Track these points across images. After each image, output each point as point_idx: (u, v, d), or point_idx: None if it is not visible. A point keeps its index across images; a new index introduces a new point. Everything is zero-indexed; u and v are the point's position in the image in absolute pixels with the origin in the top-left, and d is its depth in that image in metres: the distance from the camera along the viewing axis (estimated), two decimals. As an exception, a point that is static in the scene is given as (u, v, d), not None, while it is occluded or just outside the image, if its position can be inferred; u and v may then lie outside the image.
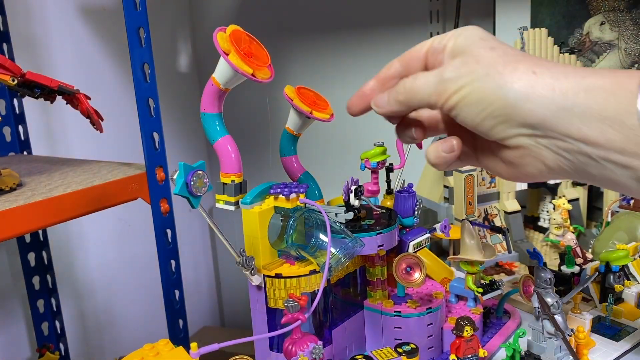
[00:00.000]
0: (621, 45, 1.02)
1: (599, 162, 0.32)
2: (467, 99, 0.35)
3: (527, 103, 0.33)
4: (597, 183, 0.35)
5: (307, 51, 1.50)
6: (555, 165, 0.34)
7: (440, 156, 0.39)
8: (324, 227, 0.49)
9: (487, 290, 0.67)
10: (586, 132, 0.32)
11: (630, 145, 0.30)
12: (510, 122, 0.34)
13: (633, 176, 0.31)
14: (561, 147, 0.33)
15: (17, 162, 1.00)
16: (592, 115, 0.31)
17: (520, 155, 0.36)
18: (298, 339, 0.49)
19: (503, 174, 0.39)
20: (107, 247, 1.43)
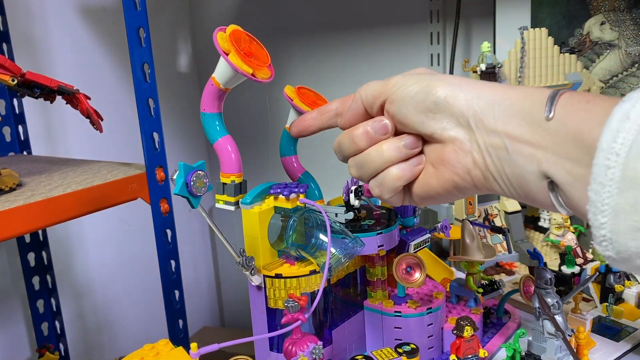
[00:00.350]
0: (621, 45, 1.02)
1: (512, 156, 0.35)
2: (411, 92, 0.39)
3: (465, 95, 0.37)
4: (508, 187, 0.37)
5: (307, 51, 1.50)
6: (482, 162, 0.37)
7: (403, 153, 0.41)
8: (324, 227, 0.49)
9: (487, 290, 0.67)
10: (508, 126, 0.36)
11: (536, 138, 0.34)
12: (447, 112, 0.38)
13: (535, 169, 0.34)
14: (487, 142, 0.37)
15: (16, 162, 1.00)
16: (513, 111, 0.36)
17: (453, 150, 0.38)
18: (298, 339, 0.49)
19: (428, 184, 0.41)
20: (107, 247, 1.43)
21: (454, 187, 0.39)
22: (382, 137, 0.41)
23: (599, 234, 0.30)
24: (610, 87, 1.04)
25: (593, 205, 0.30)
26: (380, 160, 0.41)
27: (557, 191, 0.34)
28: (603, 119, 0.30)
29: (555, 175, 0.33)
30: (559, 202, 0.34)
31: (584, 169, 0.32)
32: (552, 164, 0.33)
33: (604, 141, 0.29)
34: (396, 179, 0.41)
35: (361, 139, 0.42)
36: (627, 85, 1.03)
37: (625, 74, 1.03)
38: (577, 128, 0.32)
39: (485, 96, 0.37)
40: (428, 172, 0.41)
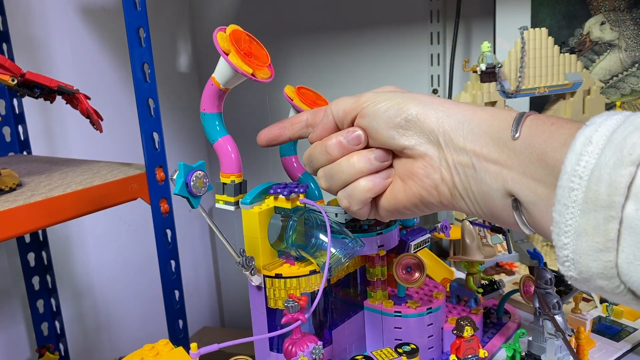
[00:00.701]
0: (621, 45, 1.02)
1: (479, 174, 0.36)
2: (382, 108, 0.40)
3: (436, 113, 0.38)
4: (473, 204, 0.38)
5: (307, 51, 1.50)
6: (449, 179, 0.38)
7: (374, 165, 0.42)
8: (324, 227, 0.49)
9: (487, 290, 0.67)
10: (476, 144, 0.37)
11: (503, 157, 0.35)
12: (418, 129, 0.39)
13: (500, 187, 0.35)
14: (455, 160, 0.38)
15: (16, 162, 1.00)
16: (482, 130, 0.37)
17: (422, 165, 0.39)
18: (298, 340, 0.49)
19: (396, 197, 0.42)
20: (107, 247, 1.43)
21: (420, 201, 0.40)
22: (355, 147, 0.42)
23: (562, 254, 0.31)
24: (610, 87, 1.04)
25: (557, 226, 0.30)
26: (350, 170, 0.42)
27: (520, 210, 0.35)
28: (567, 140, 0.31)
29: (519, 193, 0.34)
30: (522, 221, 0.35)
31: (547, 188, 0.33)
32: (517, 182, 0.34)
33: (567, 164, 0.30)
34: (366, 190, 0.42)
35: (334, 148, 0.42)
36: (627, 85, 1.03)
37: (625, 74, 1.03)
38: (541, 148, 0.33)
39: (455, 115, 0.38)
40: (396, 186, 0.42)
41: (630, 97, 1.03)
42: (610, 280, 0.29)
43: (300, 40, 1.51)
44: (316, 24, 1.48)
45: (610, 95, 1.04)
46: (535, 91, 0.89)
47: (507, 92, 0.87)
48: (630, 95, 1.03)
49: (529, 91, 0.88)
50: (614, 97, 1.04)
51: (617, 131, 0.29)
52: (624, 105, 1.03)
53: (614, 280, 0.29)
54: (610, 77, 1.04)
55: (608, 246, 0.28)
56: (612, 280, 0.29)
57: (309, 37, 1.50)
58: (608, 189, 0.28)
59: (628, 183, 0.28)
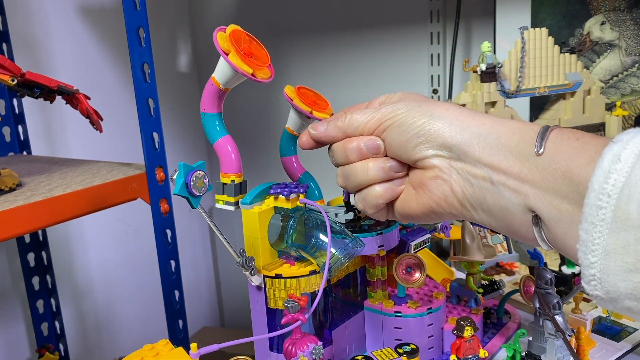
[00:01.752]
0: (622, 45, 1.02)
1: (497, 188, 0.36)
2: (398, 121, 0.41)
3: (449, 127, 0.38)
4: (489, 217, 0.38)
5: (307, 51, 1.50)
6: (460, 191, 0.38)
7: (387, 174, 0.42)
8: (324, 228, 0.49)
9: (487, 290, 0.67)
10: (494, 158, 0.36)
11: (524, 172, 0.35)
12: (430, 143, 0.39)
13: (521, 203, 0.35)
14: (469, 172, 0.38)
15: (16, 162, 1.00)
16: (500, 144, 0.36)
17: (432, 176, 0.40)
18: (298, 340, 0.49)
19: (408, 205, 0.42)
20: (107, 247, 1.43)
21: (430, 211, 0.41)
22: (373, 155, 0.43)
23: (588, 273, 0.30)
24: (610, 87, 1.04)
25: (583, 244, 0.30)
26: (364, 176, 0.43)
27: (540, 226, 0.35)
28: (593, 157, 0.31)
29: (541, 210, 0.34)
30: (541, 237, 0.35)
31: (572, 206, 0.32)
32: (539, 199, 0.34)
33: (595, 182, 0.29)
34: (378, 196, 0.43)
35: (353, 152, 0.43)
36: (627, 85, 1.03)
37: (626, 74, 1.03)
38: (567, 165, 0.33)
39: (470, 128, 0.38)
40: (409, 194, 0.42)
41: (631, 97, 1.03)
42: (639, 301, 0.29)
43: (300, 40, 1.51)
44: (316, 24, 1.48)
45: (610, 95, 1.04)
46: (535, 91, 0.89)
47: (507, 92, 0.87)
48: (630, 95, 1.03)
49: (529, 91, 0.88)
50: (614, 97, 1.04)
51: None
52: (624, 105, 1.03)
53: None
54: (611, 77, 1.04)
55: (638, 267, 0.28)
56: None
57: (309, 37, 1.50)
58: (639, 209, 0.28)
59: None
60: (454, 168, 0.38)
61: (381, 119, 0.42)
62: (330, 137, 0.45)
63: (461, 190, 0.38)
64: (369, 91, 1.40)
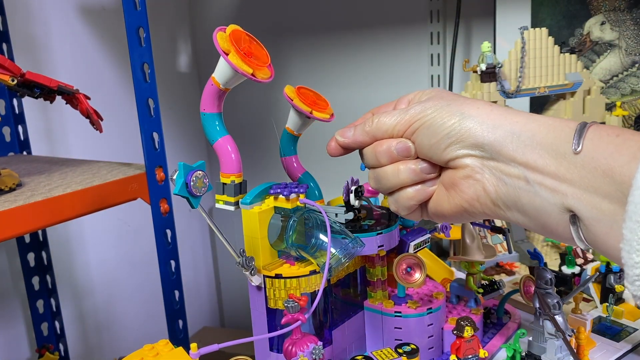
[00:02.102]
0: (622, 45, 1.02)
1: (532, 187, 0.35)
2: (428, 122, 0.40)
3: (480, 126, 0.38)
4: (523, 216, 0.37)
5: (307, 51, 1.50)
6: (493, 190, 0.37)
7: (419, 176, 0.42)
8: (324, 228, 0.49)
9: (487, 290, 0.67)
10: (528, 156, 0.35)
11: (561, 170, 0.34)
12: (462, 143, 0.38)
13: (558, 202, 0.34)
14: (503, 172, 0.37)
15: (16, 162, 1.00)
16: (535, 142, 0.35)
17: (464, 176, 0.39)
18: (298, 340, 0.49)
19: (440, 205, 0.42)
20: (107, 247, 1.43)
21: (463, 211, 0.40)
22: (403, 158, 0.42)
23: (632, 273, 0.29)
24: (610, 87, 1.04)
25: (627, 244, 0.29)
26: (395, 180, 0.42)
27: (578, 225, 0.34)
28: (635, 154, 0.30)
29: (580, 209, 0.33)
30: (579, 237, 0.34)
31: (614, 205, 0.31)
32: (578, 198, 0.33)
33: (639, 179, 0.29)
34: (410, 198, 0.42)
35: (383, 156, 0.43)
36: (627, 85, 1.03)
37: (626, 73, 1.03)
38: (607, 163, 0.31)
39: (503, 127, 0.37)
40: (441, 194, 0.42)
41: (631, 97, 1.03)
42: None
43: (300, 40, 1.51)
44: (316, 24, 1.48)
45: (610, 95, 1.04)
46: (535, 91, 0.89)
47: (507, 92, 0.87)
48: (630, 95, 1.03)
49: (529, 91, 0.88)
50: (614, 97, 1.04)
51: None
52: (624, 105, 1.03)
53: None
54: (611, 77, 1.04)
55: None
56: None
57: (309, 37, 1.50)
58: None
59: None
60: (486, 167, 0.38)
61: (410, 120, 0.41)
62: (358, 143, 0.45)
63: (494, 190, 0.37)
64: (369, 91, 1.40)
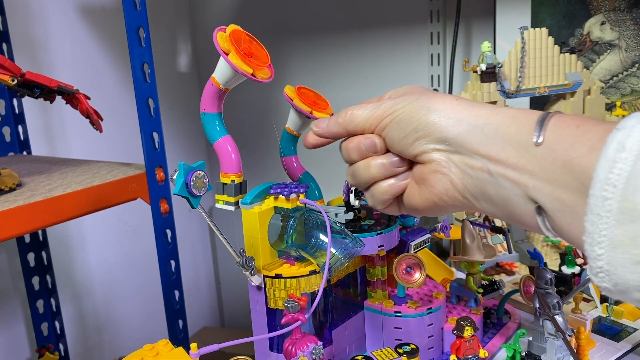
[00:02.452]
0: (622, 45, 1.02)
1: (495, 179, 0.36)
2: (397, 118, 0.41)
3: (445, 120, 0.38)
4: (492, 207, 0.37)
5: (307, 51, 1.50)
6: (460, 183, 0.38)
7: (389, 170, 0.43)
8: (324, 228, 0.49)
9: (487, 290, 0.67)
10: (491, 149, 0.36)
11: (523, 162, 0.34)
12: (428, 137, 0.39)
13: (522, 193, 0.34)
14: (468, 164, 0.37)
15: (16, 162, 1.00)
16: (497, 134, 0.36)
17: (431, 171, 0.39)
18: (298, 340, 0.49)
19: (413, 199, 0.43)
20: (107, 247, 1.43)
21: (434, 205, 0.41)
22: (372, 154, 0.43)
23: (595, 265, 0.29)
24: (610, 87, 1.04)
25: (589, 237, 0.29)
26: (367, 175, 0.43)
27: (544, 216, 0.34)
28: (595, 145, 0.30)
29: (542, 201, 0.33)
30: (546, 227, 0.34)
31: (574, 195, 0.31)
32: (540, 189, 0.33)
33: (600, 171, 0.29)
34: (382, 192, 0.43)
35: (353, 151, 0.44)
36: (627, 85, 1.03)
37: (626, 73, 1.03)
38: (567, 154, 0.32)
39: (466, 120, 0.37)
40: (413, 188, 0.42)
41: (631, 97, 1.03)
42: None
43: (300, 40, 1.51)
44: (316, 24, 1.48)
45: (610, 95, 1.04)
46: (535, 91, 0.89)
47: (507, 92, 0.87)
48: (630, 95, 1.03)
49: (529, 91, 0.88)
50: (614, 97, 1.04)
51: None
52: (624, 105, 1.03)
53: None
54: (611, 77, 1.04)
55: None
56: None
57: (309, 37, 1.50)
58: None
59: None
60: (452, 161, 0.38)
61: (382, 115, 0.42)
62: (332, 133, 0.46)
63: (461, 183, 0.38)
64: (369, 91, 1.40)
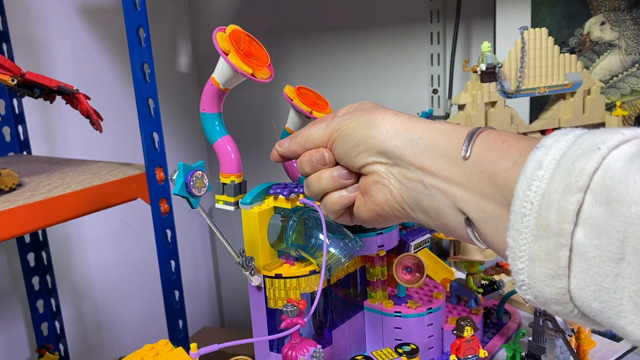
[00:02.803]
0: (622, 45, 1.02)
1: (428, 190, 0.38)
2: (343, 133, 0.43)
3: (384, 135, 0.40)
4: (427, 217, 0.39)
5: (307, 51, 1.50)
6: (398, 194, 0.40)
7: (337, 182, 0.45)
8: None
9: (487, 290, 0.67)
10: (424, 161, 0.38)
11: (452, 174, 0.36)
12: (370, 151, 0.41)
13: (451, 204, 0.36)
14: (405, 176, 0.39)
15: (16, 162, 1.00)
16: (431, 148, 0.38)
17: (373, 182, 0.42)
18: (297, 344, 0.49)
19: (360, 210, 0.44)
20: (107, 247, 1.43)
21: (377, 215, 0.42)
22: (322, 166, 0.45)
23: (518, 279, 0.31)
24: (610, 87, 1.04)
25: (512, 251, 0.30)
26: (318, 186, 0.45)
27: (472, 227, 0.36)
28: (517, 160, 0.32)
29: (469, 211, 0.35)
30: (475, 237, 0.36)
31: (496, 206, 0.33)
32: (467, 201, 0.35)
33: (519, 189, 0.30)
34: (333, 203, 0.45)
35: (306, 164, 0.46)
36: (627, 85, 1.03)
37: (626, 73, 1.03)
38: (491, 168, 0.33)
39: (403, 135, 0.40)
40: (359, 200, 0.44)
41: (630, 97, 1.03)
42: (563, 305, 0.29)
43: (300, 40, 1.51)
44: (316, 24, 1.48)
45: (610, 95, 1.04)
46: (535, 91, 0.89)
47: (507, 92, 0.87)
48: (630, 95, 1.03)
49: (529, 91, 0.88)
50: (614, 97, 1.04)
51: (566, 155, 0.28)
52: (624, 106, 1.03)
53: (568, 305, 0.29)
54: (611, 77, 1.04)
55: (559, 273, 0.28)
56: (566, 306, 0.29)
57: (309, 37, 1.50)
58: (557, 216, 0.28)
59: (576, 210, 0.27)
60: (391, 173, 0.40)
61: (331, 131, 0.44)
62: (292, 152, 0.48)
63: (399, 194, 0.40)
64: (369, 91, 1.40)
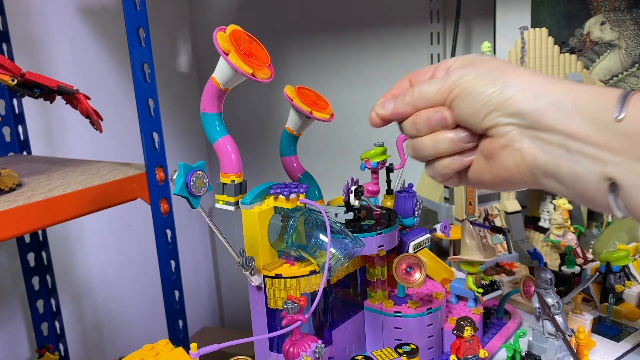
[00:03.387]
0: (622, 45, 1.02)
1: (572, 155, 0.35)
2: (468, 90, 0.39)
3: (521, 94, 0.37)
4: (560, 185, 0.37)
5: (307, 51, 1.50)
6: (531, 159, 0.37)
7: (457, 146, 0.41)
8: (324, 228, 0.49)
9: (487, 290, 0.67)
10: (569, 125, 0.35)
11: (603, 138, 0.34)
12: (501, 111, 0.38)
13: (598, 170, 0.34)
14: (542, 139, 0.36)
15: (16, 162, 1.00)
16: (576, 110, 0.35)
17: (502, 145, 0.39)
18: (297, 340, 0.49)
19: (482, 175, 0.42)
20: (107, 247, 1.43)
21: (503, 180, 0.40)
22: (441, 128, 0.42)
23: None
24: (610, 87, 1.04)
25: None
26: (433, 150, 0.42)
27: (617, 193, 0.34)
28: None
29: (621, 177, 0.33)
30: (617, 205, 0.34)
31: None
32: (619, 166, 0.33)
33: None
34: (445, 167, 0.42)
35: (423, 126, 0.42)
36: (627, 85, 1.03)
37: (626, 73, 1.03)
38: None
39: (544, 96, 0.36)
40: (480, 163, 0.41)
41: (631, 97, 1.03)
42: None
43: (300, 40, 1.51)
44: (316, 24, 1.48)
45: None
46: (535, 91, 0.89)
47: (507, 92, 0.87)
48: (630, 95, 1.03)
49: (529, 91, 0.88)
50: (614, 97, 1.04)
51: None
52: (624, 105, 1.03)
53: None
54: (611, 77, 1.04)
55: None
56: None
57: (309, 37, 1.50)
58: None
59: None
60: (525, 136, 0.37)
61: (450, 87, 0.40)
62: (400, 115, 0.44)
63: (532, 159, 0.37)
64: (369, 91, 1.40)
